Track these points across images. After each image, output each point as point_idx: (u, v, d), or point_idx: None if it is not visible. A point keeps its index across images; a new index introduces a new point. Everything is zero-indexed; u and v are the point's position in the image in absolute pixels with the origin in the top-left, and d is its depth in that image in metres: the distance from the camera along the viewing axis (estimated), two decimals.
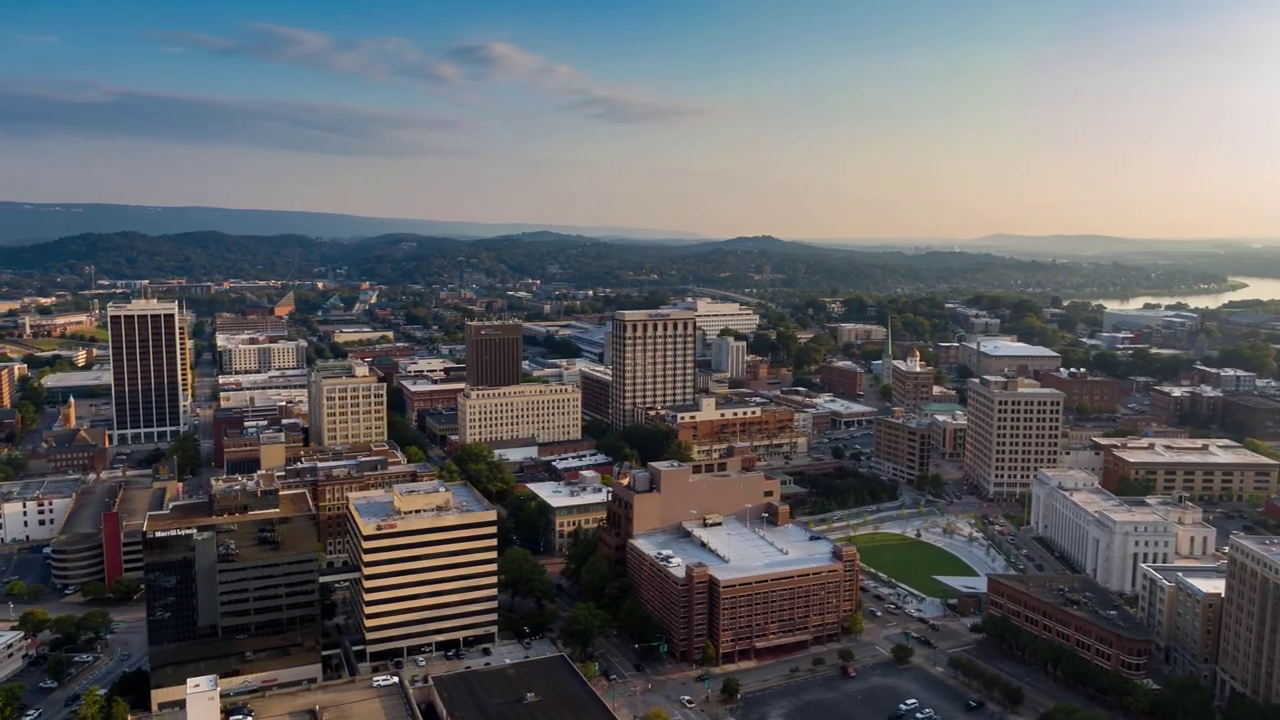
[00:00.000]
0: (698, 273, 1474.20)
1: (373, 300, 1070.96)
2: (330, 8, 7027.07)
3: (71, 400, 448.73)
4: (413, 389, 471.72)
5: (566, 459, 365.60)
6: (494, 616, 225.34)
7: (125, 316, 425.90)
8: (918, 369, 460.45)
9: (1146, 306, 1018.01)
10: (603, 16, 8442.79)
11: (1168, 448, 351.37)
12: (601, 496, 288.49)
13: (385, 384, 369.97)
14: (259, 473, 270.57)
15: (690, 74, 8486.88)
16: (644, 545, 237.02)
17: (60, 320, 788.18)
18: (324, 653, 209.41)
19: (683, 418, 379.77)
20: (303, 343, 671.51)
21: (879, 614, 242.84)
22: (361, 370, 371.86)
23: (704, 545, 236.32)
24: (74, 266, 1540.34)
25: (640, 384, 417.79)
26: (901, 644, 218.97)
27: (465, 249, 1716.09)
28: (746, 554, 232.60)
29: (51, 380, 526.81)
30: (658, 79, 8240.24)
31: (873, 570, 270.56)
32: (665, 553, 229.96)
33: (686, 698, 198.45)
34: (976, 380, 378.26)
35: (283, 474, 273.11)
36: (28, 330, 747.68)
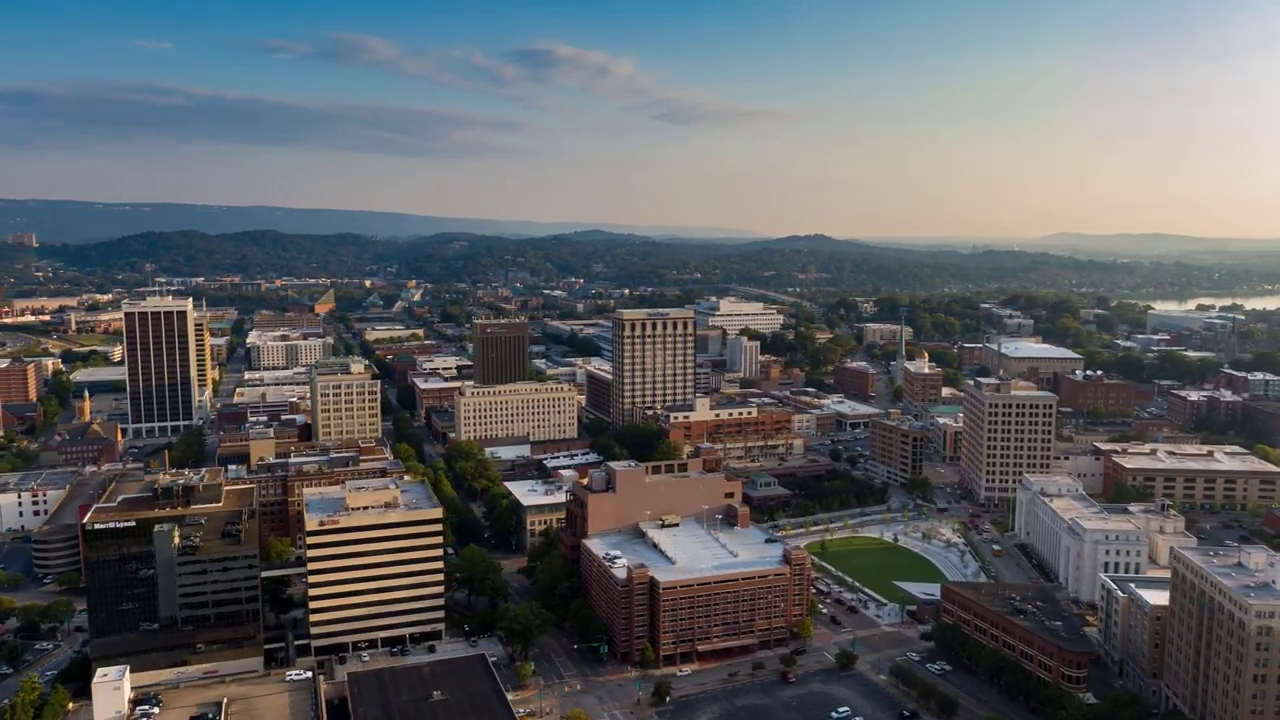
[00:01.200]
0: (742, 271, 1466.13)
1: (415, 298, 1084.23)
2: (400, 16, 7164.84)
3: (86, 394, 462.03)
4: (422, 386, 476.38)
5: (558, 458, 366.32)
6: (440, 614, 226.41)
7: (139, 314, 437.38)
8: (926, 370, 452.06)
9: (1199, 307, 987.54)
10: (666, 21, 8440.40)
11: (1170, 453, 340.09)
12: None
13: (379, 381, 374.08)
14: (231, 466, 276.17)
15: (752, 76, 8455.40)
16: (595, 545, 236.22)
17: (105, 316, 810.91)
18: (269, 646, 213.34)
19: (676, 417, 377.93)
20: (330, 340, 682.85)
21: (836, 619, 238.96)
22: (357, 367, 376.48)
23: (655, 546, 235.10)
24: (135, 264, 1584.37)
25: (639, 383, 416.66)
26: (845, 650, 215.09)
27: (513, 248, 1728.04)
28: (696, 555, 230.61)
29: (81, 375, 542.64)
30: (719, 81, 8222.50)
31: (839, 574, 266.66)
32: (613, 553, 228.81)
33: (616, 704, 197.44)
34: (970, 382, 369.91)
35: (255, 469, 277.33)
36: (73, 326, 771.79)
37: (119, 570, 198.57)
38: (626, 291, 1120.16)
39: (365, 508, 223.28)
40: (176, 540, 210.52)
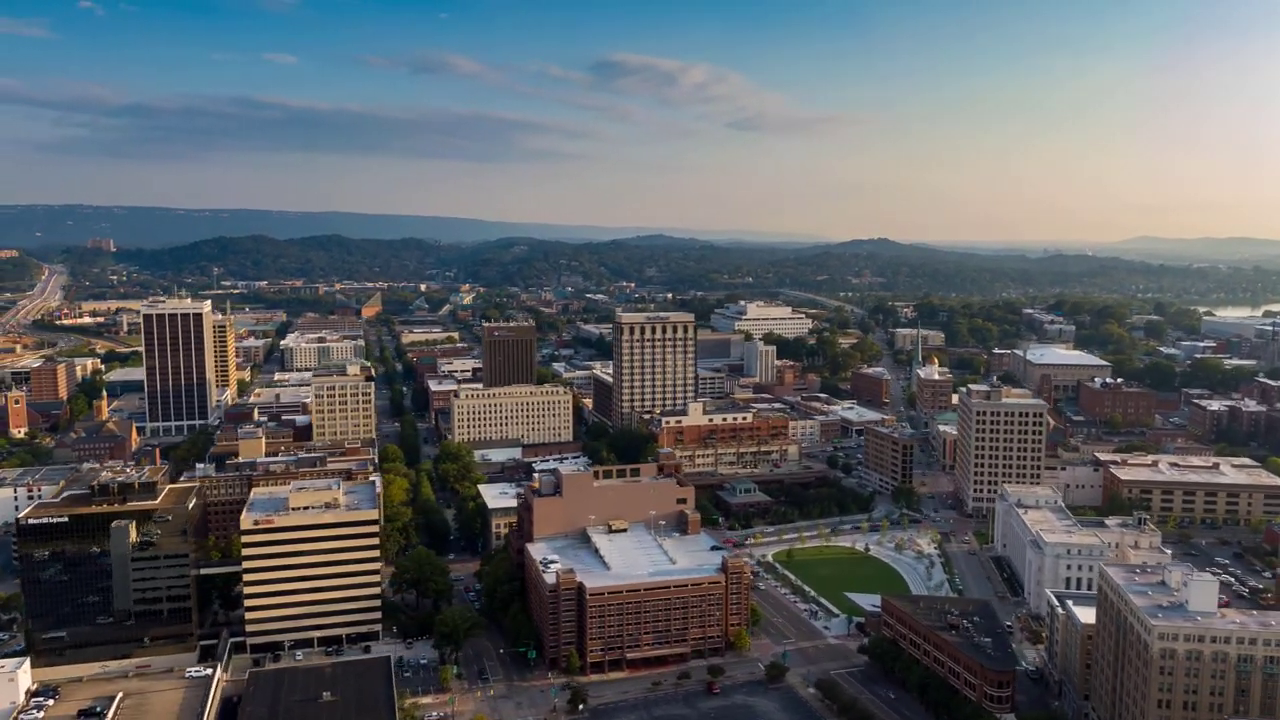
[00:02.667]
0: (795, 275, 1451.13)
1: (465, 302, 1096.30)
2: (483, 35, 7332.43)
3: (104, 394, 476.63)
4: (434, 388, 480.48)
5: (548, 461, 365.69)
6: (377, 615, 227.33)
7: (156, 315, 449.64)
8: (936, 376, 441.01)
9: (1266, 314, 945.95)
10: (738, 30, 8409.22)
11: (1173, 465, 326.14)
12: None
13: (373, 383, 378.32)
14: (199, 465, 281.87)
15: (822, 83, 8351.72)
16: (535, 550, 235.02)
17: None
18: (206, 642, 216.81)
19: (668, 422, 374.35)
20: (363, 342, 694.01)
21: (782, 630, 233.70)
22: (353, 369, 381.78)
23: (596, 551, 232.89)
24: (204, 268, 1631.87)
25: (637, 387, 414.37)
26: (776, 662, 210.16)
27: (570, 252, 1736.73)
28: (634, 562, 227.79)
29: (116, 375, 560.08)
30: (789, 89, 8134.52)
31: (799, 584, 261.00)
32: (550, 558, 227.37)
33: (533, 710, 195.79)
34: (964, 389, 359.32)
35: (223, 467, 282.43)
36: (124, 327, 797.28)
37: (50, 565, 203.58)
38: (670, 295, 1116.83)
39: (306, 508, 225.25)
40: (134, 537, 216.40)
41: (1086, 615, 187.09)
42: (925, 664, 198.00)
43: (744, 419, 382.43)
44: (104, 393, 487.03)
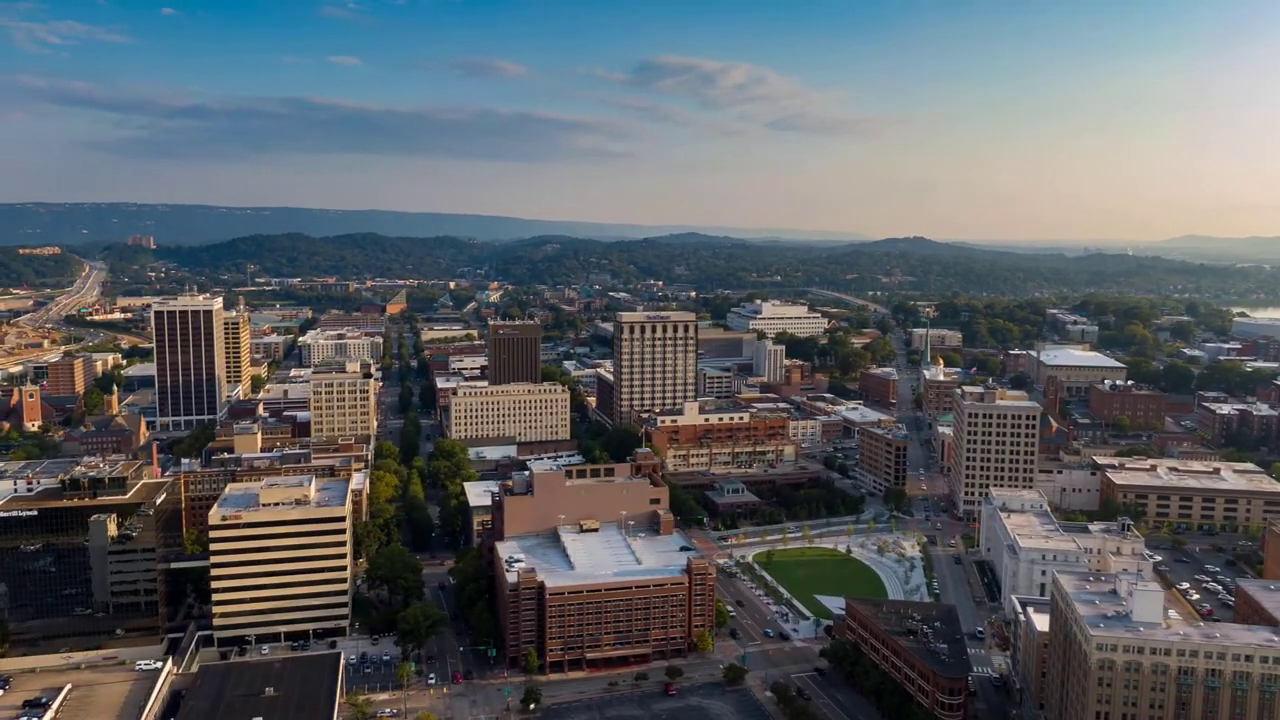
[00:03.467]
0: (825, 274, 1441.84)
1: (491, 300, 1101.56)
2: (530, 40, 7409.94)
3: (115, 388, 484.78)
4: (440, 385, 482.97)
5: (542, 459, 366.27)
6: (344, 611, 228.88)
7: (167, 312, 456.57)
8: (941, 377, 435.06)
9: None
10: (779, 30, 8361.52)
11: (1173, 470, 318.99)
12: None
13: (370, 380, 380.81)
14: (185, 460, 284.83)
15: (862, 83, 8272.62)
16: (504, 548, 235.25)
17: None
18: (174, 635, 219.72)
19: (663, 421, 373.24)
20: (380, 339, 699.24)
21: (749, 632, 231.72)
22: (352, 367, 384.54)
23: (563, 551, 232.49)
24: (240, 265, 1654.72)
25: (637, 385, 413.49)
26: (734, 664, 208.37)
27: (600, 250, 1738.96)
28: (600, 562, 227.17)
29: (135, 370, 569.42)
30: (829, 89, 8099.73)
31: (774, 585, 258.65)
32: (516, 556, 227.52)
33: (487, 709, 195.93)
34: (958, 390, 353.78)
35: (209, 462, 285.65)
36: (151, 323, 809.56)
37: (23, 557, 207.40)
38: (694, 294, 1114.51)
39: (276, 504, 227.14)
40: (113, 531, 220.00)
41: (1044, 623, 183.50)
42: (884, 669, 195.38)
43: (740, 419, 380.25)
44: (115, 387, 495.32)
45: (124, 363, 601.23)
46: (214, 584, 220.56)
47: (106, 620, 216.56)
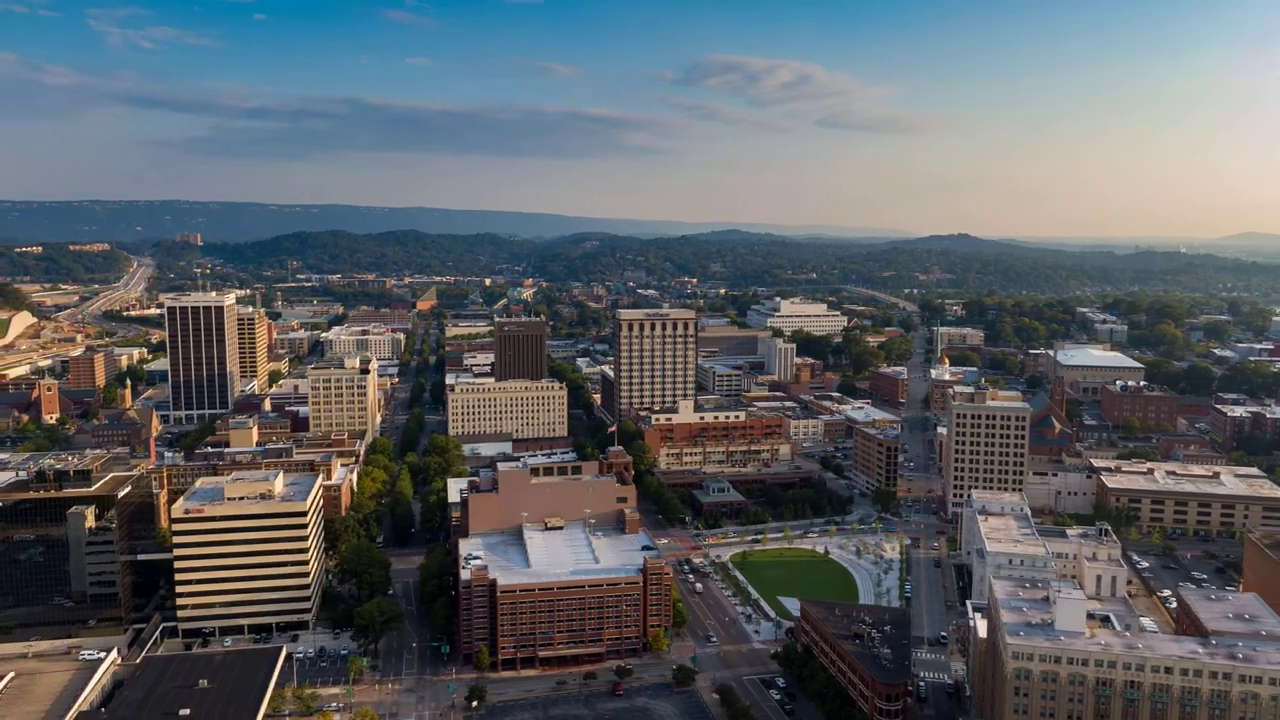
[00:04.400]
0: (862, 271, 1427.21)
1: (524, 297, 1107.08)
2: (582, 44, 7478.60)
3: (129, 383, 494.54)
4: (449, 382, 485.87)
5: (536, 456, 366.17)
6: (307, 604, 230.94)
7: (180, 308, 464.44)
8: (947, 376, 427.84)
9: None
10: (827, 29, 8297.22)
11: (1171, 474, 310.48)
12: None
13: (368, 375, 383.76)
14: (167, 453, 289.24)
15: (910, 81, 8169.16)
16: (466, 545, 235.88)
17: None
18: (139, 626, 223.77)
19: (657, 419, 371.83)
20: (401, 336, 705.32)
21: (709, 633, 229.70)
22: (351, 363, 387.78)
23: (523, 548, 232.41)
24: (284, 262, 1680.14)
25: (635, 383, 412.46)
26: (684, 665, 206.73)
27: (638, 247, 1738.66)
28: (559, 560, 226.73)
29: (157, 364, 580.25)
30: (882, 87, 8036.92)
31: (745, 586, 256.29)
32: (475, 554, 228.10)
33: (422, 699, 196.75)
34: (950, 391, 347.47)
35: (192, 455, 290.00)
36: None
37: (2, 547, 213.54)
38: (723, 291, 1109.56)
39: (241, 498, 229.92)
40: (92, 523, 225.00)
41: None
42: (831, 673, 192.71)
43: (736, 418, 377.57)
44: (129, 382, 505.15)
45: (150, 357, 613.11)
46: (177, 576, 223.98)
47: (83, 610, 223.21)
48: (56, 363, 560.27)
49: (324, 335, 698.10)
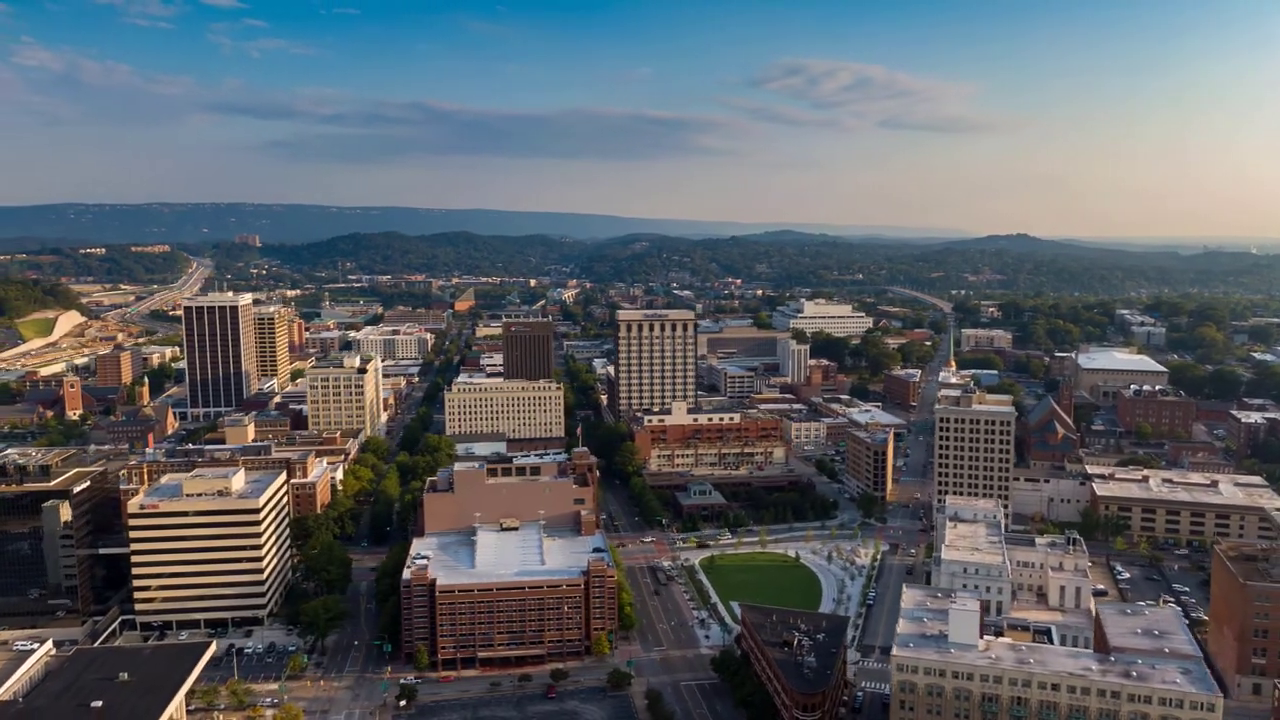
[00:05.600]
0: (910, 272, 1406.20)
1: (565, 298, 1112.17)
2: (646, 48, 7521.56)
3: (146, 381, 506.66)
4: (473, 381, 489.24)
5: (529, 456, 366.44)
6: (262, 600, 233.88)
7: (196, 308, 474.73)
8: (953, 380, 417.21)
9: None
10: (890, 30, 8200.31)
11: (1166, 482, 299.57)
12: None
13: (365, 374, 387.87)
14: (149, 449, 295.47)
15: (979, 82, 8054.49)
16: (418, 545, 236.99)
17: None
18: (98, 619, 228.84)
19: (650, 421, 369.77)
20: (430, 336, 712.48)
21: (656, 637, 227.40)
22: (351, 362, 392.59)
23: (473, 549, 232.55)
24: (336, 263, 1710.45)
25: (635, 384, 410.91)
26: (619, 670, 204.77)
27: (685, 248, 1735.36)
28: (505, 561, 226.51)
29: (184, 362, 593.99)
30: (945, 88, 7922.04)
31: (708, 591, 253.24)
32: (424, 553, 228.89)
33: (355, 697, 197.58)
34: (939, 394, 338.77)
35: (171, 452, 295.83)
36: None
37: None
38: (760, 291, 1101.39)
39: (200, 494, 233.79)
40: (67, 516, 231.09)
41: None
42: (760, 680, 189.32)
43: (731, 419, 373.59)
44: (146, 379, 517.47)
45: (181, 355, 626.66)
46: (135, 570, 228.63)
47: (52, 602, 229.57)
48: (92, 360, 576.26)
49: (353, 335, 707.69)
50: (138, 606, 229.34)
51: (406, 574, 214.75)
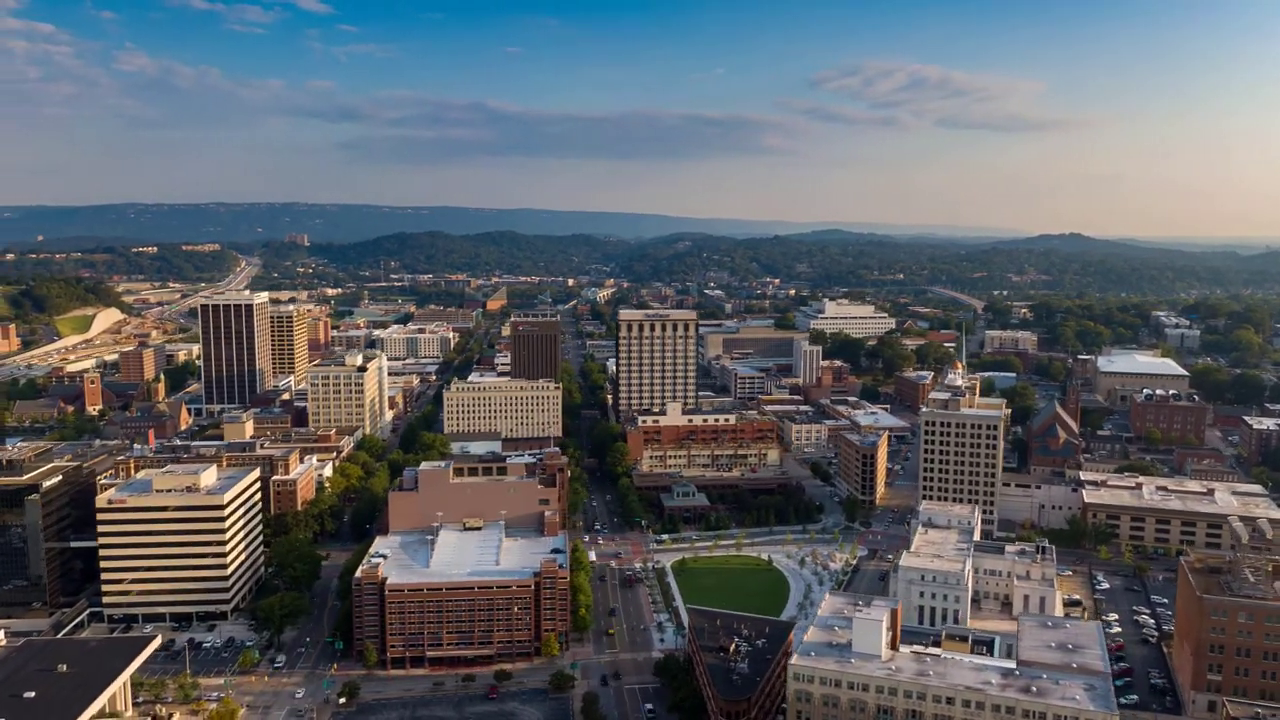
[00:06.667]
0: (953, 272, 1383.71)
1: (600, 297, 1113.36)
2: (703, 49, 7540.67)
3: (162, 377, 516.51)
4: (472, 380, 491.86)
5: (523, 455, 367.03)
6: (226, 595, 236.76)
7: (211, 306, 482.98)
8: (959, 382, 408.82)
9: None
10: (948, 28, 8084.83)
11: (1160, 489, 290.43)
12: None
13: (364, 373, 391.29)
14: (136, 445, 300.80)
15: (1037, 81, 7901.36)
16: (383, 543, 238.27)
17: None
18: (66, 610, 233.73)
19: (644, 421, 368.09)
20: (453, 335, 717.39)
21: (611, 639, 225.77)
22: (352, 361, 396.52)
23: (432, 547, 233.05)
24: (380, 262, 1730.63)
25: (635, 384, 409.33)
26: (561, 672, 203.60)
27: (726, 247, 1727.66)
28: (461, 560, 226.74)
29: None
30: (1002, 87, 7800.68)
31: (672, 592, 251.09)
32: (382, 552, 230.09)
33: (299, 694, 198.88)
34: (928, 397, 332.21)
35: (158, 448, 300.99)
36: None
37: None
38: (792, 291, 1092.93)
39: (169, 490, 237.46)
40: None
41: None
42: (697, 685, 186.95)
43: (726, 420, 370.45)
44: (163, 376, 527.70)
45: None
46: (103, 564, 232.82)
47: (35, 592, 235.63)
48: (133, 355, 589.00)
49: (378, 333, 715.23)
50: (105, 599, 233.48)
51: (358, 572, 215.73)
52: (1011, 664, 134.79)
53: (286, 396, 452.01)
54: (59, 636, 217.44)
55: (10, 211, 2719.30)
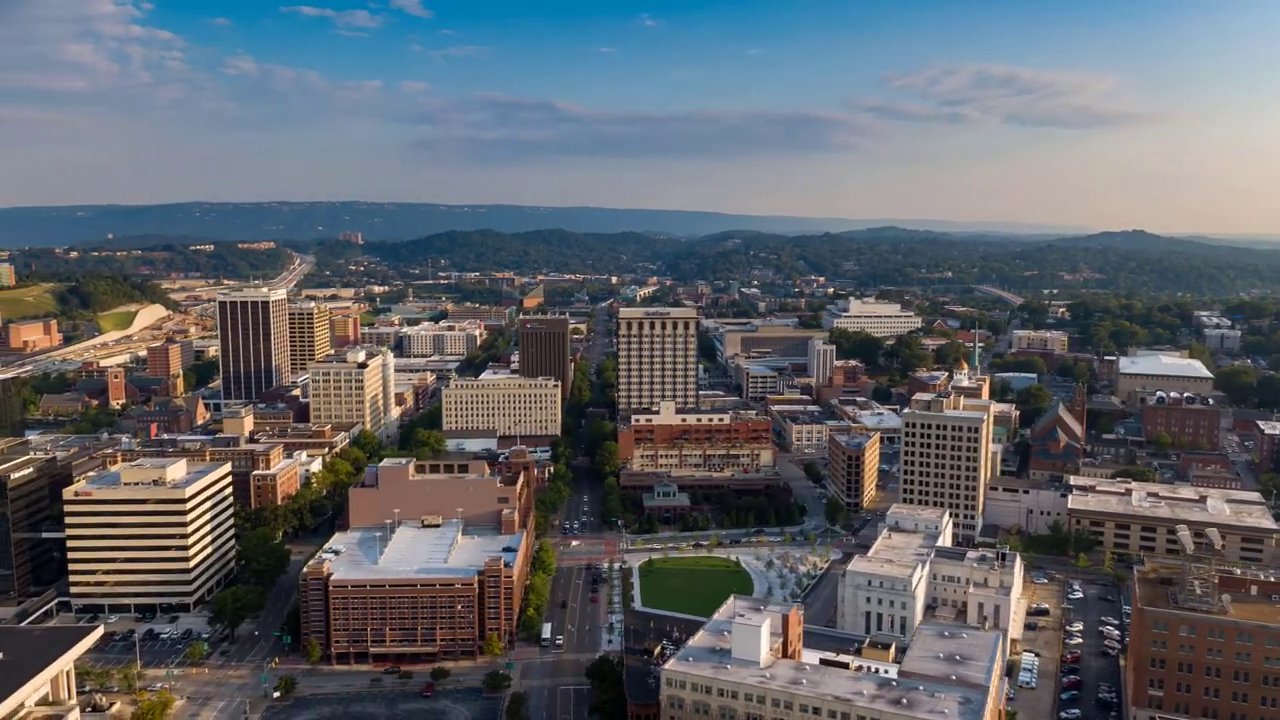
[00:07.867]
0: (1003, 271, 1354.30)
1: (639, 295, 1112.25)
2: (768, 45, 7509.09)
3: (182, 373, 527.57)
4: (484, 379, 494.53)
5: (502, 454, 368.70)
6: (189, 588, 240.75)
7: (230, 303, 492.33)
8: (966, 383, 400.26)
9: None
10: (1017, 25, 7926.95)
11: (1151, 495, 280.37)
12: None
13: (364, 369, 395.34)
14: (124, 439, 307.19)
15: (1105, 78, 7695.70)
16: (340, 539, 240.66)
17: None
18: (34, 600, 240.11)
19: (637, 420, 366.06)
20: (478, 332, 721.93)
21: (557, 640, 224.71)
22: (354, 357, 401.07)
23: (384, 544, 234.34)
24: (430, 260, 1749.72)
25: (635, 382, 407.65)
26: (497, 672, 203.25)
27: (773, 244, 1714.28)
28: (411, 557, 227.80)
29: None
30: (1071, 83, 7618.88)
31: (632, 593, 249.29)
32: (335, 548, 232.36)
33: (241, 686, 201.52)
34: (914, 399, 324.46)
35: (148, 443, 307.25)
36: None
37: None
38: (831, 290, 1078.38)
39: (137, 483, 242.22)
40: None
41: None
42: (621, 688, 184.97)
43: (720, 420, 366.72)
44: (182, 372, 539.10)
45: None
46: (70, 555, 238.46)
47: (5, 582, 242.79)
48: (149, 352, 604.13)
49: (406, 330, 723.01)
50: (72, 589, 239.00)
51: (305, 568, 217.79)
52: (876, 675, 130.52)
53: (297, 393, 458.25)
54: (22, 625, 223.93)
55: (84, 211, 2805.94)
